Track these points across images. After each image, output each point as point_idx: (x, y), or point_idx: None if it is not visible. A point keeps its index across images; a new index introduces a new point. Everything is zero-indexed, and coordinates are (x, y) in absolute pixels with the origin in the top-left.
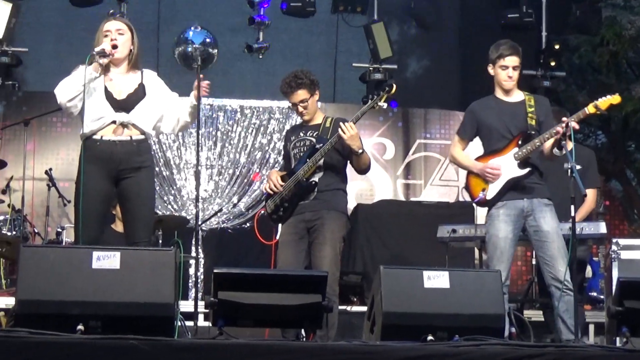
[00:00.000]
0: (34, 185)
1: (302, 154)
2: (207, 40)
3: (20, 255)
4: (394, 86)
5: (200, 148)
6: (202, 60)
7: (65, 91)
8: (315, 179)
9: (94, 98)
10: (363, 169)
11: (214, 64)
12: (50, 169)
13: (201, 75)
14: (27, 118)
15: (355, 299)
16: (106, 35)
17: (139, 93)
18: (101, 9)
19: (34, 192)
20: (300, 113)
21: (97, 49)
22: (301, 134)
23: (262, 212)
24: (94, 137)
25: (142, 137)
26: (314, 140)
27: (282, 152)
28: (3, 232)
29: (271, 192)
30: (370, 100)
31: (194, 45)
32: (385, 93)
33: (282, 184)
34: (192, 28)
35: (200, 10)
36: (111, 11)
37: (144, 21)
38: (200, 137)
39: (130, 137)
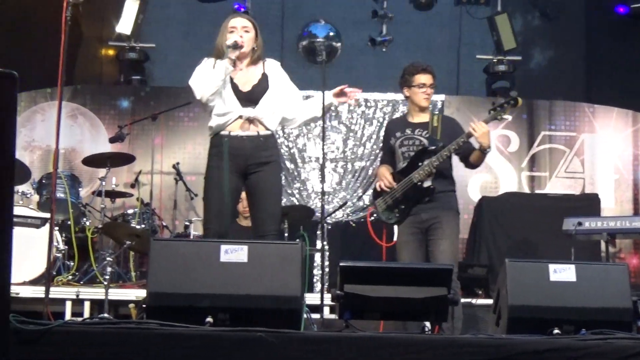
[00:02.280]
0: (162, 179)
1: (411, 154)
2: (331, 34)
3: (151, 249)
4: (519, 100)
5: (324, 141)
6: (326, 54)
7: (206, 86)
8: (429, 182)
9: (221, 92)
10: (478, 165)
11: (338, 57)
12: (178, 163)
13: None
14: (154, 113)
15: (480, 292)
16: (232, 32)
17: (263, 84)
18: (226, 4)
19: (162, 186)
20: (424, 97)
21: (229, 42)
22: (408, 131)
23: (373, 210)
24: (222, 132)
25: (269, 132)
26: (424, 141)
27: (383, 146)
28: (132, 225)
29: (385, 190)
30: (493, 111)
31: (318, 39)
32: (509, 106)
33: (395, 184)
34: (316, 22)
35: (324, 4)
36: (236, 6)
37: (269, 16)
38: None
39: (257, 132)
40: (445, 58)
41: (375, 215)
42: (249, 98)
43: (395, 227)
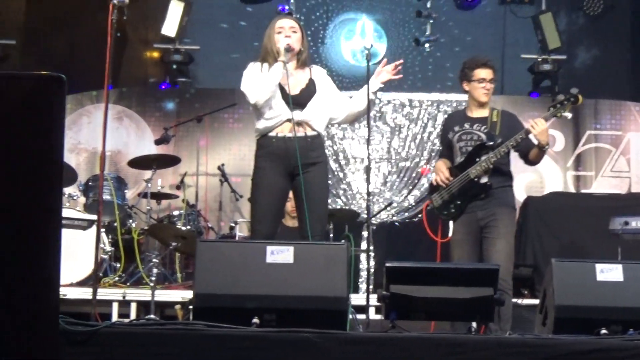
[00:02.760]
0: (207, 181)
1: (469, 148)
2: (376, 34)
3: (197, 250)
4: (580, 97)
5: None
6: (371, 54)
7: (260, 91)
8: (486, 178)
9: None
10: (537, 162)
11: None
12: (223, 165)
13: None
14: (199, 115)
15: (526, 292)
16: (279, 32)
17: (311, 88)
18: (270, 5)
19: (207, 188)
20: (484, 92)
21: (282, 45)
22: (466, 126)
23: (429, 205)
24: (269, 134)
25: (316, 132)
26: (482, 135)
27: (441, 140)
28: (178, 226)
29: (441, 185)
30: (553, 108)
31: (363, 39)
32: (569, 103)
33: (452, 178)
34: (361, 21)
35: (368, 4)
36: (280, 7)
37: (312, 15)
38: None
39: (305, 133)
40: (490, 58)
41: (430, 207)
42: (297, 101)
43: (451, 223)
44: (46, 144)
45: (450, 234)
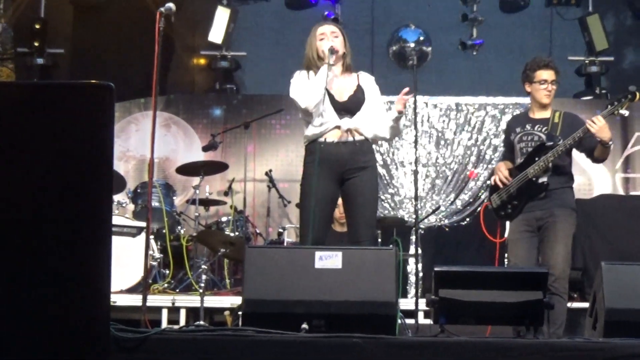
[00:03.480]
0: (254, 187)
1: (529, 149)
2: (421, 38)
3: (246, 256)
4: (638, 94)
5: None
6: (417, 59)
7: (309, 95)
8: (545, 178)
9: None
10: (603, 159)
11: (428, 62)
12: (270, 170)
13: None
14: (247, 121)
15: (575, 295)
16: (321, 39)
17: (359, 95)
18: (316, 11)
19: (255, 194)
20: (545, 94)
21: (325, 47)
22: (528, 127)
23: (488, 205)
24: (318, 140)
25: (364, 137)
26: (543, 136)
27: (504, 142)
28: (226, 233)
29: (500, 185)
30: (610, 106)
31: (409, 44)
32: (627, 100)
33: (511, 179)
34: (406, 27)
35: (414, 8)
36: (325, 13)
37: (359, 21)
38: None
39: (353, 138)
40: (552, 59)
41: (490, 208)
42: (345, 108)
43: (507, 223)
44: (96, 152)
45: (506, 234)
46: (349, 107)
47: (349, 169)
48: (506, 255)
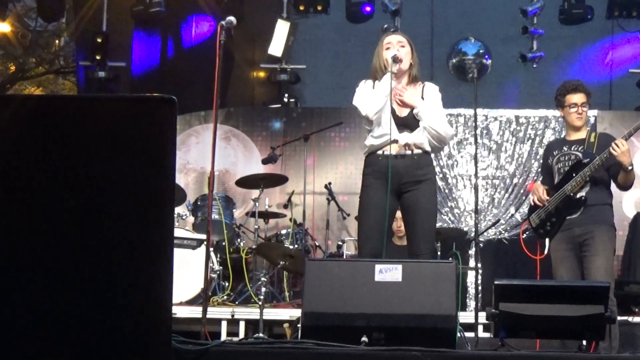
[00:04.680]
0: (314, 200)
1: (566, 168)
2: (481, 51)
3: (306, 269)
4: None
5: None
6: (477, 71)
7: (371, 103)
8: (583, 193)
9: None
10: (627, 186)
11: (488, 74)
12: (330, 183)
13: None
14: (306, 134)
15: (637, 309)
16: (387, 48)
17: None
18: (375, 23)
19: (315, 206)
20: (577, 117)
21: (389, 55)
22: (565, 148)
23: (526, 226)
24: (377, 152)
25: (422, 151)
26: (579, 154)
27: (542, 166)
28: (286, 245)
29: (539, 205)
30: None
31: (468, 57)
32: None
33: (548, 198)
34: (466, 39)
35: (474, 21)
36: (385, 26)
37: (418, 34)
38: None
39: (412, 151)
40: (597, 73)
41: (528, 231)
42: (405, 123)
43: (547, 242)
44: (159, 165)
45: (546, 252)
46: (409, 122)
47: (406, 182)
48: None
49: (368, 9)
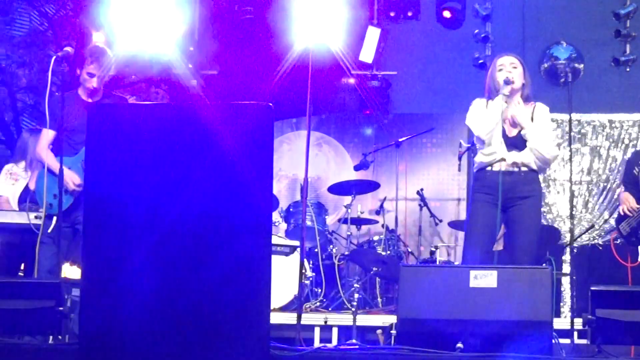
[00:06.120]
0: (406, 206)
1: None
2: (573, 55)
3: (400, 275)
4: None
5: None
6: (569, 76)
7: (483, 125)
8: None
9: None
10: None
11: (580, 78)
12: (422, 189)
13: None
14: (398, 140)
15: None
16: (500, 70)
17: None
18: (466, 29)
19: (407, 212)
20: None
21: (501, 77)
22: None
23: (616, 235)
24: (486, 168)
25: (529, 168)
26: None
27: (625, 177)
28: (378, 251)
29: (629, 214)
30: None
31: (560, 61)
32: None
33: (638, 207)
34: (557, 44)
35: (565, 25)
36: (476, 31)
37: (509, 38)
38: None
39: (519, 169)
40: None
41: (619, 239)
42: (514, 143)
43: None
44: (258, 170)
45: (639, 260)
46: (517, 142)
47: (511, 197)
48: None
49: (447, 14)
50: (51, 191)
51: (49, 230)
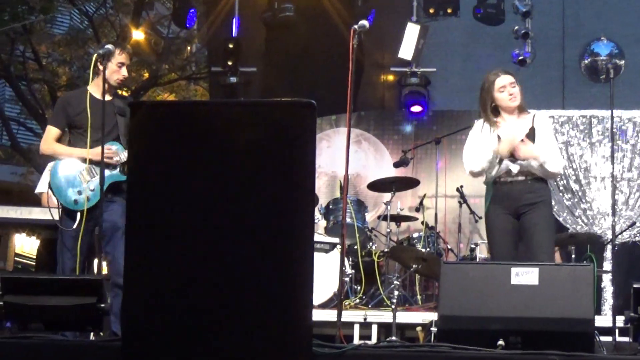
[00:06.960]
0: (445, 203)
1: None
2: (614, 51)
3: (441, 272)
4: None
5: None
6: (610, 72)
7: (474, 164)
8: None
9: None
10: None
11: (621, 75)
12: (461, 186)
13: None
14: (437, 137)
15: None
16: (502, 92)
17: (530, 139)
18: (506, 25)
19: (446, 209)
20: None
21: (504, 100)
22: None
23: None
24: (497, 179)
25: (536, 176)
26: None
27: None
28: (418, 248)
29: None
30: None
31: (601, 58)
32: None
33: None
34: (598, 40)
35: (606, 21)
36: (516, 28)
37: (549, 35)
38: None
39: (525, 177)
40: None
41: None
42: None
43: None
44: (300, 168)
45: None
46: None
47: (522, 204)
48: None
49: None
50: (69, 187)
51: (74, 227)
